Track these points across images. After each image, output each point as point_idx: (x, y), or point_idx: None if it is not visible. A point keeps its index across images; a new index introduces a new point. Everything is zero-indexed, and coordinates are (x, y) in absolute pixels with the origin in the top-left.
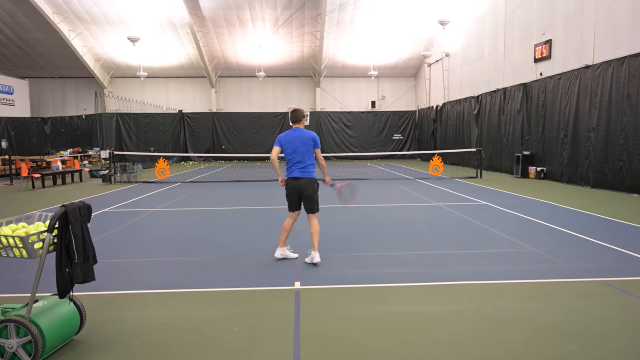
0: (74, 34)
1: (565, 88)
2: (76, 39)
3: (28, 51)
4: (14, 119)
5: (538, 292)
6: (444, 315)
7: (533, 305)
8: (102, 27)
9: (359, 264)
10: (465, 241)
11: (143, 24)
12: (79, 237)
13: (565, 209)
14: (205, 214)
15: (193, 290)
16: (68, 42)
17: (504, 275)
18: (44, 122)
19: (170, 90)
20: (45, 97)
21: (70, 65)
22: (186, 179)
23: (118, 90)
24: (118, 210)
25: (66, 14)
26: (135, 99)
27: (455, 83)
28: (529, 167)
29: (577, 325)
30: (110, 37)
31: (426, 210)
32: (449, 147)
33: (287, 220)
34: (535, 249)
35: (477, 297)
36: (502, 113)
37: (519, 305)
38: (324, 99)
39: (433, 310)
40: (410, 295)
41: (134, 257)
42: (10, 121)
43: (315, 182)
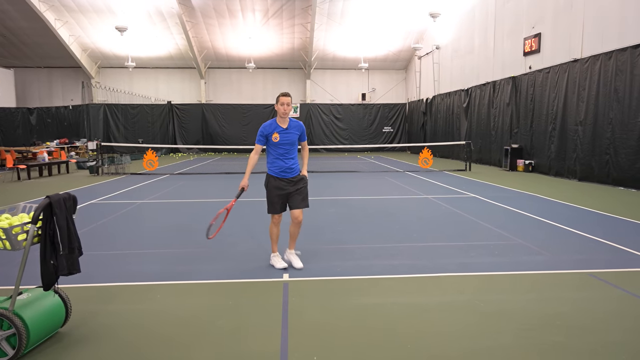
0: (60, 23)
1: (553, 82)
2: (62, 28)
3: (13, 40)
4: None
5: (526, 284)
6: (432, 307)
7: (521, 297)
8: (89, 16)
9: (347, 256)
10: (453, 233)
11: (131, 13)
12: (64, 229)
13: (553, 202)
14: (193, 206)
15: (180, 283)
16: (54, 31)
17: (492, 267)
18: (30, 113)
19: (159, 81)
20: (31, 87)
21: (57, 54)
22: (175, 171)
23: (106, 81)
24: (105, 202)
25: (52, 2)
26: (123, 90)
27: (445, 76)
28: (517, 160)
29: (564, 316)
30: (97, 27)
31: (415, 203)
32: (439, 139)
33: None
34: (523, 241)
35: (465, 289)
36: (492, 106)
37: (506, 297)
38: (314, 91)
39: (421, 302)
40: (399, 287)
41: (121, 249)
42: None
43: (265, 179)
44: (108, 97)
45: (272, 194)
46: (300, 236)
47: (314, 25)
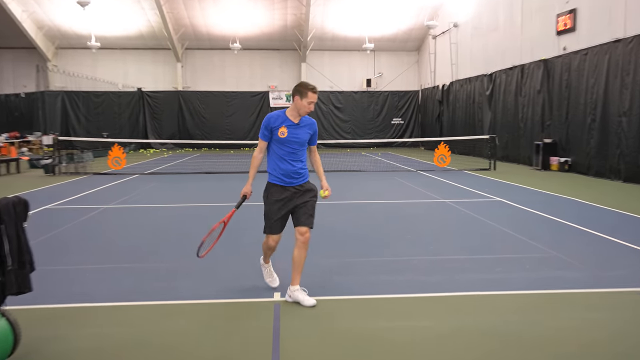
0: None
1: (592, 65)
2: (14, 2)
3: None
4: None
5: (562, 305)
6: (448, 332)
7: (556, 320)
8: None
9: (349, 271)
10: (475, 245)
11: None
12: (14, 240)
13: (594, 207)
14: (168, 212)
15: (154, 303)
16: (4, 6)
17: (521, 284)
18: None
19: (127, 65)
20: None
21: (7, 33)
22: (146, 170)
23: (65, 64)
24: (63, 207)
25: None
26: (85, 75)
27: (464, 59)
28: (550, 157)
29: (607, 343)
30: (55, 0)
31: (430, 208)
32: (458, 133)
33: None
34: (558, 253)
35: (490, 311)
36: (520, 94)
37: (539, 320)
38: (311, 76)
39: (435, 326)
40: (409, 308)
41: (82, 264)
42: None
43: (265, 188)
44: (67, 83)
45: (273, 207)
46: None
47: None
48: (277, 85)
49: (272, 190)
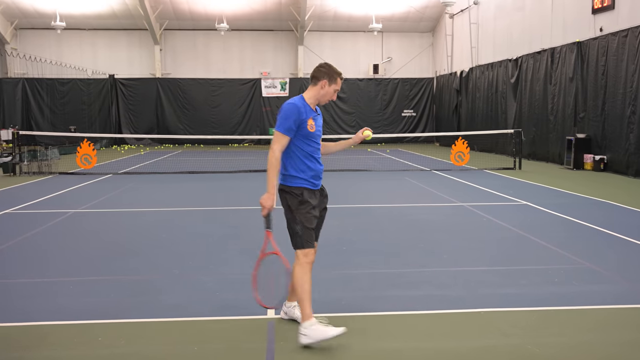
0: None
1: (633, 49)
2: None
3: None
4: None
5: (595, 322)
6: (469, 354)
7: (588, 340)
8: None
9: (354, 284)
10: (498, 254)
11: None
12: None
13: (632, 211)
14: (146, 217)
15: (129, 321)
16: None
17: (550, 299)
18: None
19: (97, 48)
20: None
21: None
22: (120, 169)
23: (25, 47)
24: (25, 211)
25: None
26: (49, 59)
27: (486, 41)
28: (584, 155)
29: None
30: None
31: (446, 213)
32: (478, 127)
33: None
34: (591, 264)
35: (513, 330)
36: (549, 82)
37: (569, 340)
38: (309, 61)
39: (453, 348)
40: (423, 326)
41: (45, 277)
42: None
43: (288, 192)
44: (28, 69)
45: (310, 215)
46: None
47: None
48: (270, 71)
49: (305, 194)
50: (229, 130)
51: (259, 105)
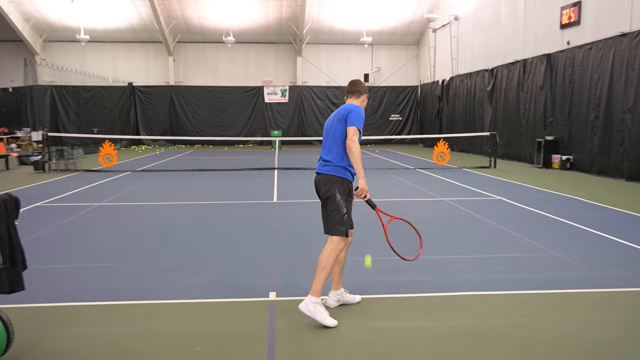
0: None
1: (597, 60)
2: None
3: None
4: None
5: (561, 305)
6: (448, 333)
7: (555, 321)
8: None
9: (346, 270)
10: (475, 244)
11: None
12: (4, 238)
13: (595, 206)
14: (161, 210)
15: (145, 302)
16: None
17: (521, 284)
18: None
19: (118, 58)
20: None
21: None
22: (137, 167)
23: (53, 58)
24: (53, 204)
25: None
26: (74, 69)
27: (465, 53)
28: (552, 155)
29: (606, 343)
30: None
31: (429, 207)
32: (457, 130)
33: None
34: (558, 253)
35: (488, 311)
36: (521, 90)
37: (539, 321)
38: (307, 71)
39: (434, 326)
40: (407, 308)
41: (73, 262)
42: None
43: (338, 182)
44: (56, 77)
45: (351, 206)
46: (291, 247)
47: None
48: (271, 80)
49: (352, 186)
50: (235, 132)
51: (261, 110)
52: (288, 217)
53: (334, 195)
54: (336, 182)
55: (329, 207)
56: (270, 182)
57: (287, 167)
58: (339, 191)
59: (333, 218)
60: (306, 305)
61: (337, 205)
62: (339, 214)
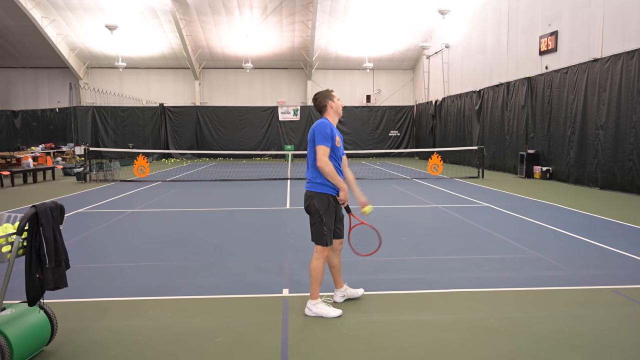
0: (48, 21)
1: (572, 83)
2: (50, 26)
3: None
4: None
5: (543, 301)
6: (442, 325)
7: (537, 315)
8: (77, 13)
9: (351, 269)
10: (465, 246)
11: (122, 11)
12: (51, 240)
13: (573, 212)
14: (187, 216)
15: (173, 298)
16: (41, 30)
17: (507, 282)
18: (14, 116)
19: (150, 82)
20: (15, 89)
21: (44, 54)
22: (167, 178)
23: (94, 82)
24: (93, 211)
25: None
26: (112, 92)
27: (455, 76)
28: (533, 166)
29: (583, 336)
30: (86, 25)
31: (424, 213)
32: (449, 144)
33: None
34: (540, 254)
35: (478, 306)
36: (506, 109)
37: (522, 315)
38: None
39: (430, 320)
40: (406, 303)
41: (110, 262)
42: None
43: (317, 197)
44: (97, 99)
45: (332, 218)
46: (302, 249)
47: (315, 23)
48: (285, 100)
49: (331, 200)
50: (253, 147)
51: (276, 127)
52: (300, 222)
53: (313, 209)
54: (314, 197)
55: (311, 220)
56: (284, 191)
57: (299, 177)
58: (317, 205)
59: (315, 230)
60: (309, 310)
61: (316, 219)
62: (319, 226)
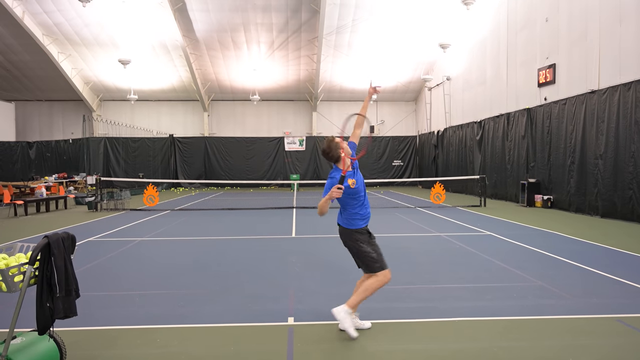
0: (64, 56)
1: (570, 113)
2: (65, 61)
3: (15, 73)
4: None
5: (546, 330)
6: (445, 355)
7: (541, 344)
8: (92, 49)
9: None
10: (468, 274)
11: (134, 46)
12: (62, 270)
13: (574, 240)
14: (195, 244)
15: (180, 326)
16: (57, 65)
17: (510, 311)
18: (29, 147)
19: (161, 114)
20: (31, 121)
21: (59, 88)
22: (176, 206)
23: (107, 114)
24: (104, 239)
25: (56, 36)
26: (124, 123)
27: (457, 108)
28: (535, 195)
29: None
30: (100, 60)
31: (427, 241)
32: (451, 174)
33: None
34: (542, 282)
35: (481, 335)
36: (506, 139)
37: (526, 345)
38: (321, 124)
39: (433, 349)
40: (409, 332)
41: (119, 290)
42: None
43: (355, 234)
44: (109, 130)
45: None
46: (308, 277)
47: (320, 57)
48: (291, 131)
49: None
50: (260, 176)
51: (282, 157)
52: (305, 250)
53: (355, 245)
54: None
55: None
56: (290, 220)
57: (304, 206)
58: (360, 239)
59: (367, 261)
60: (339, 311)
61: (363, 250)
62: (369, 256)
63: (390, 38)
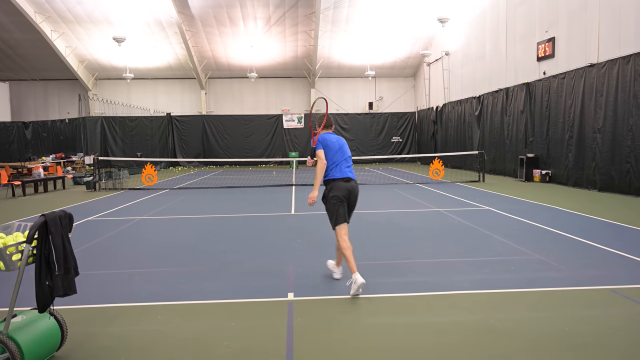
0: (57, 35)
1: (569, 87)
2: (59, 39)
3: (8, 52)
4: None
5: (543, 302)
6: (445, 327)
7: (538, 315)
8: (86, 27)
9: None
10: (467, 248)
11: (129, 24)
12: (60, 248)
13: (572, 214)
14: (194, 222)
15: (181, 303)
16: (50, 43)
17: (507, 284)
18: (25, 127)
19: (157, 93)
20: (26, 101)
21: (53, 67)
22: (175, 185)
23: (103, 93)
24: (102, 218)
25: (48, 14)
26: (121, 102)
27: (455, 83)
28: (533, 170)
29: (583, 335)
30: (94, 38)
31: (426, 217)
32: (450, 149)
33: (345, 235)
34: (540, 256)
35: (479, 307)
36: (505, 114)
37: (522, 316)
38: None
39: (433, 322)
40: (409, 305)
41: (119, 269)
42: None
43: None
44: (105, 109)
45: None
46: (307, 253)
47: (318, 33)
48: (289, 108)
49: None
50: (258, 154)
51: (281, 135)
52: (304, 227)
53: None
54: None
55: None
56: (289, 197)
57: (303, 183)
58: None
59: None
60: (354, 281)
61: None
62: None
63: (388, 13)
